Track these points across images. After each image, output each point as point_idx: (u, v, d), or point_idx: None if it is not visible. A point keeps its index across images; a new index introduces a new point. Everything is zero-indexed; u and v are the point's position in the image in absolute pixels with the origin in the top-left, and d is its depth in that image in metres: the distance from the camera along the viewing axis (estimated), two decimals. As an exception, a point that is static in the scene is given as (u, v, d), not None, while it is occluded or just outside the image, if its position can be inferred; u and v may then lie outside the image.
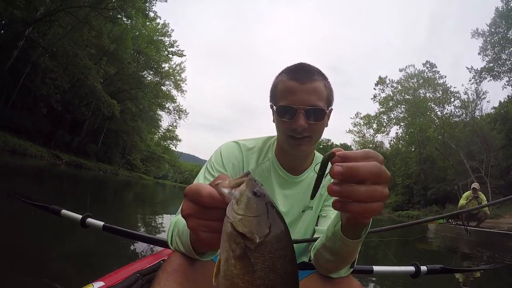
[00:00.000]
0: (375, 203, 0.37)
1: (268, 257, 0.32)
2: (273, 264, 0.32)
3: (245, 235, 0.32)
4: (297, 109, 0.75)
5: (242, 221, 0.33)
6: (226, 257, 0.32)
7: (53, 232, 2.43)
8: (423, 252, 4.75)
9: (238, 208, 0.33)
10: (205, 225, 0.37)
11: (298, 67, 0.80)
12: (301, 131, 0.76)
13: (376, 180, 0.37)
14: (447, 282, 2.63)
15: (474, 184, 6.84)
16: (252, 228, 0.32)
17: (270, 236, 0.33)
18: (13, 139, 14.03)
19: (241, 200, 0.34)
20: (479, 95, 24.49)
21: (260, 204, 0.34)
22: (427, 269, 1.22)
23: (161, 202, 9.01)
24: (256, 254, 0.32)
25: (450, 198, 23.65)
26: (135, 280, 0.96)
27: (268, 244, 0.32)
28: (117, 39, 19.28)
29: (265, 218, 0.34)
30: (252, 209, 0.34)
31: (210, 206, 0.36)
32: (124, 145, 32.01)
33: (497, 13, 22.13)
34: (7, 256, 1.74)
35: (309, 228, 0.89)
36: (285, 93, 0.77)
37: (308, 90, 0.75)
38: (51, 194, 5.24)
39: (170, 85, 30.52)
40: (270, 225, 0.33)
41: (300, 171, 0.89)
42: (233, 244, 0.32)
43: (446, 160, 24.96)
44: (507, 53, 22.27)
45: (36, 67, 17.30)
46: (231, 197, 0.35)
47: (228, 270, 0.32)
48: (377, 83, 30.40)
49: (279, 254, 0.33)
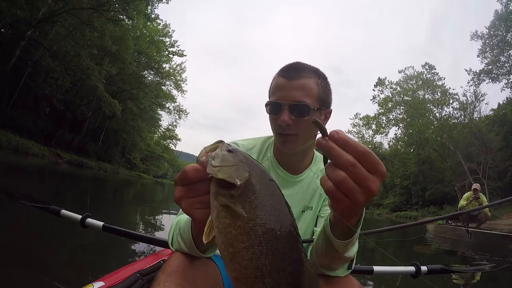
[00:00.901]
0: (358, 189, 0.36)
1: (254, 198, 0.33)
2: (260, 202, 0.33)
3: (227, 181, 0.33)
4: (282, 104, 0.75)
5: (220, 170, 0.34)
6: (216, 213, 0.33)
7: (53, 232, 2.42)
8: (422, 254, 4.70)
9: (215, 162, 0.35)
10: (197, 202, 0.40)
11: (290, 65, 0.80)
12: (285, 127, 0.75)
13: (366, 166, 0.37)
14: (447, 283, 2.62)
15: (474, 185, 6.67)
16: (231, 173, 0.34)
17: (251, 179, 0.34)
18: (15, 138, 14.14)
19: (217, 156, 0.36)
20: (477, 97, 24.62)
21: (235, 157, 0.36)
22: (428, 269, 1.22)
23: (160, 201, 9.02)
24: (242, 199, 0.33)
25: (448, 199, 23.75)
26: (135, 280, 0.96)
27: (251, 186, 0.33)
28: (119, 39, 19.36)
29: (242, 165, 0.35)
30: (229, 161, 0.35)
31: (195, 179, 0.38)
32: (124, 144, 31.98)
33: (496, 16, 22.23)
34: (7, 256, 1.74)
35: (309, 228, 0.88)
36: (274, 90, 0.79)
37: (294, 86, 0.75)
38: (52, 193, 5.26)
39: (170, 85, 30.56)
40: (248, 169, 0.35)
41: (299, 170, 0.88)
42: (220, 198, 0.33)
43: (444, 161, 25.05)
44: (505, 56, 22.38)
45: (37, 67, 17.37)
46: (209, 158, 0.36)
47: (220, 223, 0.33)
48: (376, 84, 30.47)
49: (264, 192, 0.34)
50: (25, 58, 16.73)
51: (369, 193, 0.37)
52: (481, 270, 3.05)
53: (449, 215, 7.55)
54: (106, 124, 26.66)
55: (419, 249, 5.04)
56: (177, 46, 27.31)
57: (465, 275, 2.85)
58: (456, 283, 2.70)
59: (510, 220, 12.90)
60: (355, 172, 0.36)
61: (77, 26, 16.10)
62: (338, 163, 0.37)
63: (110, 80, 21.51)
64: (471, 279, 2.89)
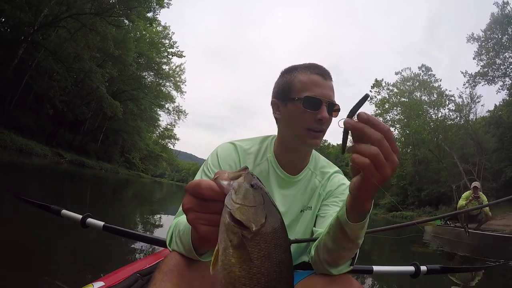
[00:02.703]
0: (384, 162, 0.42)
1: (264, 246, 0.33)
2: (268, 253, 0.33)
3: (243, 223, 0.33)
4: (322, 101, 0.77)
5: (240, 210, 0.34)
6: (224, 247, 0.33)
7: (53, 232, 2.42)
8: (420, 255, 4.63)
9: (236, 198, 0.35)
10: (205, 218, 0.39)
11: (317, 65, 0.82)
12: (323, 124, 0.78)
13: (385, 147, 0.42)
14: (447, 282, 2.61)
15: (474, 183, 6.30)
16: (250, 216, 0.34)
17: (266, 226, 0.34)
18: (18, 138, 14.37)
19: (239, 191, 0.36)
20: (473, 99, 24.83)
21: (257, 195, 0.36)
22: (427, 269, 1.22)
23: (160, 201, 9.02)
24: (252, 243, 0.33)
25: (444, 199, 23.97)
26: (135, 280, 0.97)
27: (264, 234, 0.34)
28: (120, 42, 19.58)
29: (261, 208, 0.35)
30: (250, 199, 0.35)
31: (209, 198, 0.38)
32: (124, 144, 32.00)
33: (492, 19, 22.45)
34: (7, 256, 1.74)
35: (308, 228, 0.87)
36: (309, 85, 0.78)
37: (330, 86, 0.80)
38: (56, 193, 5.28)
39: (170, 86, 30.68)
40: (266, 215, 0.35)
41: (298, 170, 0.88)
42: (231, 234, 0.33)
43: (440, 162, 25.26)
44: (501, 58, 22.61)
45: (39, 68, 17.56)
46: (229, 188, 0.36)
47: (226, 260, 0.33)
48: (373, 85, 30.62)
49: (275, 243, 0.34)
50: (27, 59, 16.89)
51: (393, 166, 0.43)
52: (482, 270, 3.04)
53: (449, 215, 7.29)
54: (106, 124, 26.76)
55: (416, 248, 4.96)
56: (176, 47, 27.47)
57: (465, 275, 2.82)
58: (456, 283, 2.67)
59: (504, 221, 12.99)
60: (384, 147, 0.42)
61: (79, 28, 16.34)
62: (370, 140, 0.42)
63: (110, 81, 21.72)
64: (471, 279, 2.85)
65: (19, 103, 17.81)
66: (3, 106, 16.00)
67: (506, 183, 20.08)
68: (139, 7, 16.61)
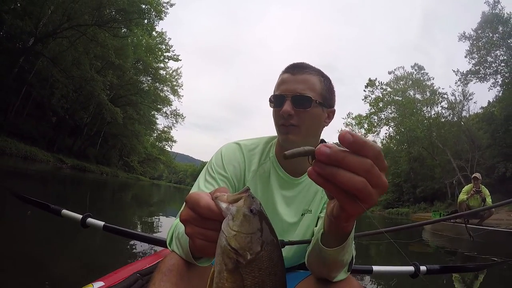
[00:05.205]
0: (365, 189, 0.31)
1: (258, 274, 0.33)
2: (262, 281, 0.33)
3: (237, 251, 0.33)
4: (285, 96, 0.78)
5: (236, 237, 0.34)
6: (219, 269, 0.34)
7: (54, 232, 2.41)
8: (419, 253, 4.49)
9: (233, 225, 0.34)
10: (201, 233, 0.39)
11: (295, 63, 0.82)
12: (287, 117, 0.77)
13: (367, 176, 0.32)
14: (447, 283, 2.58)
15: (475, 174, 5.82)
16: (245, 245, 0.33)
17: (261, 254, 0.34)
18: (21, 145, 14.81)
19: (237, 217, 0.35)
20: (466, 96, 25.25)
21: (255, 222, 0.35)
22: (427, 269, 1.21)
23: (158, 203, 9.06)
24: (246, 270, 0.33)
25: (438, 195, 24.33)
26: (135, 280, 0.97)
27: (259, 262, 0.34)
28: (118, 48, 19.90)
29: (258, 236, 0.35)
30: (247, 226, 0.35)
31: (207, 217, 0.37)
32: (122, 148, 32.20)
33: (483, 18, 22.84)
34: (7, 256, 1.73)
35: (308, 231, 0.87)
36: (278, 85, 0.81)
37: (298, 80, 0.78)
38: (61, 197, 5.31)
39: (167, 90, 30.87)
40: (262, 243, 0.34)
41: (300, 172, 0.87)
42: (226, 258, 0.33)
43: (434, 159, 25.62)
44: (492, 56, 23.01)
45: (40, 76, 17.83)
46: (227, 212, 0.36)
47: (220, 283, 0.33)
48: (367, 85, 30.84)
49: (269, 271, 0.34)
50: (27, 67, 17.14)
51: (383, 191, 0.33)
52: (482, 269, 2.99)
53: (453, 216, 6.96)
54: (105, 129, 27.02)
55: (415, 247, 4.84)
56: (172, 51, 27.61)
57: (465, 275, 2.77)
58: (456, 283, 2.64)
59: (500, 215, 13.10)
60: (373, 174, 0.32)
61: (79, 37, 16.70)
62: (356, 169, 0.31)
63: (110, 87, 22.22)
64: (472, 278, 2.80)
65: (18, 110, 18.05)
66: (5, 114, 16.30)
67: (499, 178, 20.48)
68: (139, 18, 17.03)
